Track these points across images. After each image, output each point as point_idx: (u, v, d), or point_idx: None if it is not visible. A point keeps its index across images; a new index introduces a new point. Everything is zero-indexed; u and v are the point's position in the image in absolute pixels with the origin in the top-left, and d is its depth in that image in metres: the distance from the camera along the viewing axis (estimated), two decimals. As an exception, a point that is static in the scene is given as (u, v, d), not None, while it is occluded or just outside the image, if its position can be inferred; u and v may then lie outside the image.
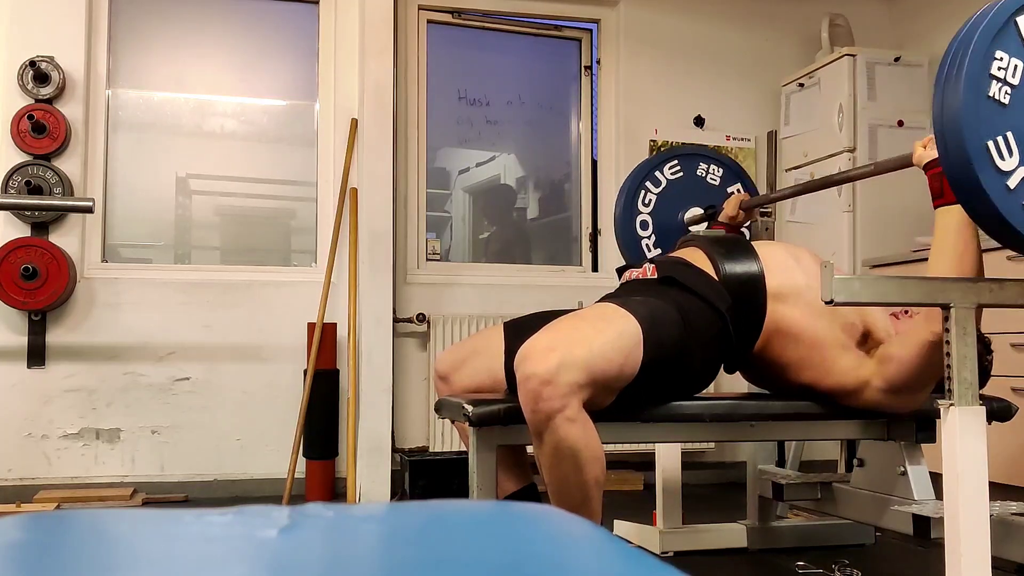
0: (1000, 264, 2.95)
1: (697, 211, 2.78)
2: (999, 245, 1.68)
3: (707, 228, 2.72)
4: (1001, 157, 1.52)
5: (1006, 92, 1.54)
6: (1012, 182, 1.52)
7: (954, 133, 1.52)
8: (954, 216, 1.80)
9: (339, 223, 3.91)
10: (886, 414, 2.07)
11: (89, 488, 3.61)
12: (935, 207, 1.85)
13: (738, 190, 2.82)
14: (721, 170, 2.84)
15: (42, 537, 0.58)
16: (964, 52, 1.53)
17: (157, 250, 4.13)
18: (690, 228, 2.80)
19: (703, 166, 2.84)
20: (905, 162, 2.01)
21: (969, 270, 1.80)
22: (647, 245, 2.79)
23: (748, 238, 2.71)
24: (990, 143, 1.52)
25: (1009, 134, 1.53)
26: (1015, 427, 2.26)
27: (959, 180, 1.55)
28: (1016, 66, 1.54)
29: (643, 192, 2.81)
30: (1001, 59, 1.53)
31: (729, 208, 2.65)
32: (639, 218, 2.80)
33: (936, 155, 1.77)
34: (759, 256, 2.06)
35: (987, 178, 1.51)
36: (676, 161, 2.83)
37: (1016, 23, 1.55)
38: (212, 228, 4.27)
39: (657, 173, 2.82)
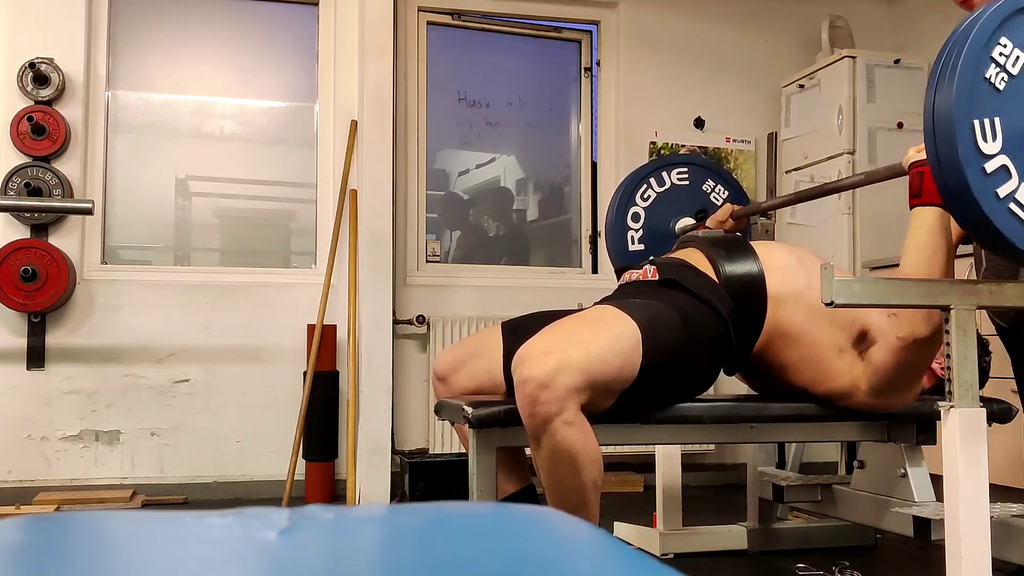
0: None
1: (688, 221, 2.78)
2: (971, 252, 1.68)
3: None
4: (984, 139, 1.52)
5: (1003, 79, 1.54)
6: (990, 167, 1.53)
7: (944, 106, 1.52)
8: (928, 217, 1.81)
9: (339, 225, 3.91)
10: (886, 415, 2.07)
11: (89, 490, 3.61)
12: (911, 206, 1.85)
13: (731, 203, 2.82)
14: (727, 192, 2.83)
15: (42, 539, 0.58)
16: (969, 31, 1.54)
17: (157, 252, 4.13)
18: (678, 236, 2.79)
19: (710, 182, 2.83)
20: (896, 171, 2.01)
21: (938, 271, 1.80)
22: (632, 238, 2.78)
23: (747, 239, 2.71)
24: (976, 122, 1.52)
25: (997, 119, 1.53)
26: (1015, 429, 2.26)
27: (940, 152, 1.54)
28: (1018, 56, 1.54)
29: (645, 187, 2.80)
30: (1005, 46, 1.54)
31: (720, 214, 2.64)
32: (633, 209, 2.79)
33: (922, 158, 1.77)
34: (759, 257, 2.05)
35: (966, 154, 1.50)
36: (686, 168, 2.82)
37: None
38: (212, 230, 4.27)
39: (664, 173, 2.81)
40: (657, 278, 2.03)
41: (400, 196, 4.11)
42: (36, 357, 3.66)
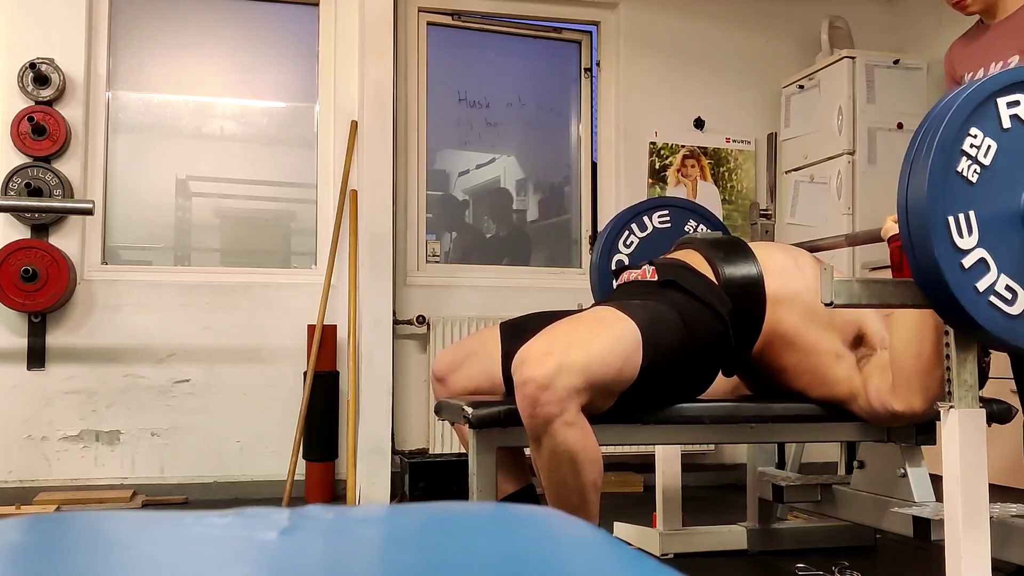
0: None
1: None
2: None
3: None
4: (960, 235, 1.53)
5: (975, 171, 1.54)
6: (967, 261, 1.53)
7: (916, 205, 1.53)
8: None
9: (339, 225, 3.91)
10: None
11: (89, 490, 3.61)
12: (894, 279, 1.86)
13: None
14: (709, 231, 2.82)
15: (42, 539, 0.58)
16: (938, 124, 1.54)
17: (157, 252, 4.13)
18: None
19: (692, 223, 2.83)
20: (874, 236, 2.03)
21: (929, 343, 1.84)
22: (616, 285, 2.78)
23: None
24: (950, 218, 1.52)
25: (971, 212, 1.53)
26: (1015, 429, 2.26)
27: (917, 250, 1.55)
28: (989, 146, 1.54)
29: (627, 233, 2.79)
30: (975, 136, 1.54)
31: None
32: (616, 257, 2.78)
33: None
34: (758, 259, 2.05)
35: (943, 252, 1.51)
36: (667, 211, 2.83)
37: (996, 103, 1.55)
38: (212, 230, 4.27)
39: (645, 218, 2.81)
40: (656, 279, 2.03)
41: (400, 196, 4.11)
42: (36, 357, 3.66)
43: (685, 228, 2.81)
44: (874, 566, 2.60)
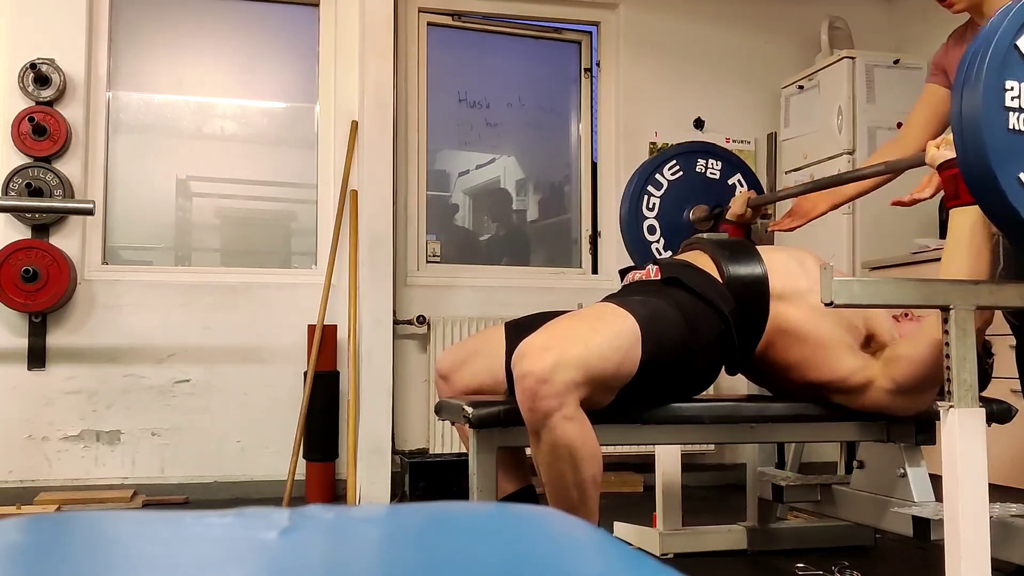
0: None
1: (703, 208, 2.77)
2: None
3: (713, 228, 2.71)
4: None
5: None
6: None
7: (972, 131, 1.52)
8: (969, 216, 1.80)
9: (339, 225, 3.91)
10: (886, 416, 2.07)
11: (89, 490, 3.61)
12: (949, 207, 1.85)
13: (739, 182, 2.82)
14: (719, 164, 2.83)
15: (42, 539, 0.58)
16: (985, 51, 1.53)
17: (157, 252, 4.13)
18: (697, 226, 2.79)
19: (701, 161, 2.83)
20: (918, 162, 2.00)
21: (983, 270, 1.80)
22: (657, 249, 2.79)
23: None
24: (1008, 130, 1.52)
25: None
26: (1015, 429, 2.26)
27: (976, 178, 1.55)
28: None
29: (646, 196, 2.80)
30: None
31: (736, 206, 2.63)
32: (646, 223, 2.79)
33: (950, 155, 1.77)
34: (763, 259, 2.06)
35: (1004, 176, 1.51)
36: (675, 160, 2.83)
37: None
38: (212, 230, 4.27)
39: (657, 176, 2.81)
40: (659, 277, 2.04)
41: (400, 197, 4.11)
42: (37, 357, 3.66)
43: (696, 169, 2.82)
44: (874, 566, 2.60)
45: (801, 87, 4.31)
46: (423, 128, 4.25)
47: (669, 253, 2.78)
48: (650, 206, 2.79)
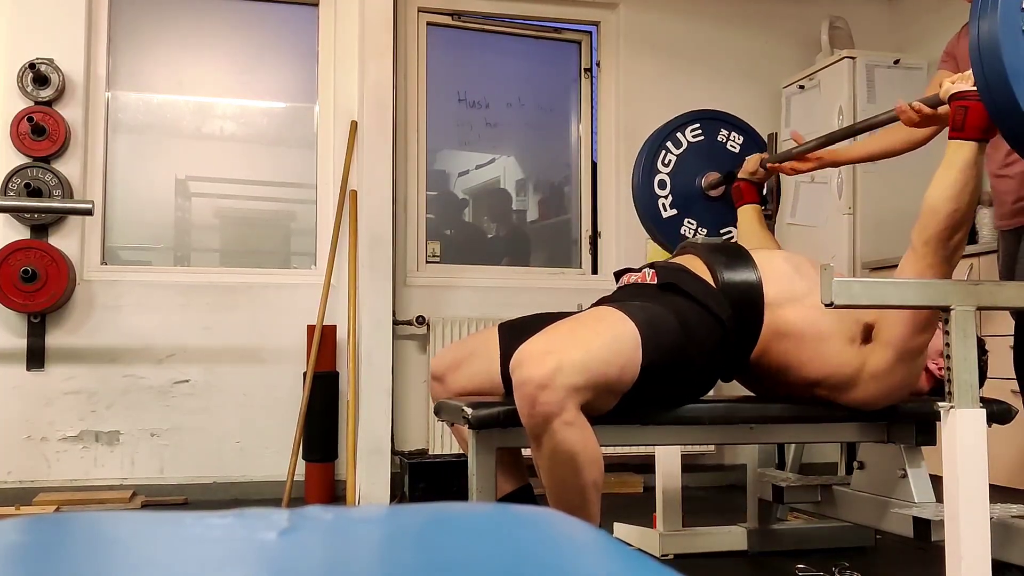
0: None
1: (715, 175, 2.77)
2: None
3: (726, 187, 2.72)
4: None
5: None
6: None
7: (991, 54, 1.54)
8: (966, 153, 1.79)
9: (339, 225, 3.91)
10: (886, 416, 2.06)
11: (88, 491, 3.61)
12: (951, 138, 1.83)
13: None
14: (742, 138, 2.84)
15: (42, 540, 0.58)
16: None
17: (157, 252, 4.13)
18: (708, 192, 2.79)
19: (724, 132, 2.84)
20: (936, 101, 1.98)
21: (965, 206, 1.79)
22: (663, 204, 2.79)
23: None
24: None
25: None
26: (1015, 429, 2.26)
27: (996, 101, 1.56)
28: None
29: (663, 152, 2.81)
30: None
31: (749, 164, 2.63)
32: (657, 177, 2.80)
33: (965, 88, 1.78)
34: (757, 265, 2.05)
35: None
36: (698, 124, 2.83)
37: None
38: (212, 230, 4.27)
39: (679, 134, 2.83)
40: (656, 282, 2.03)
41: (400, 197, 4.11)
42: (36, 358, 3.66)
43: (718, 139, 2.82)
44: (874, 567, 2.60)
45: (802, 87, 4.31)
46: (423, 128, 4.25)
47: (675, 211, 2.78)
48: (666, 162, 2.80)
